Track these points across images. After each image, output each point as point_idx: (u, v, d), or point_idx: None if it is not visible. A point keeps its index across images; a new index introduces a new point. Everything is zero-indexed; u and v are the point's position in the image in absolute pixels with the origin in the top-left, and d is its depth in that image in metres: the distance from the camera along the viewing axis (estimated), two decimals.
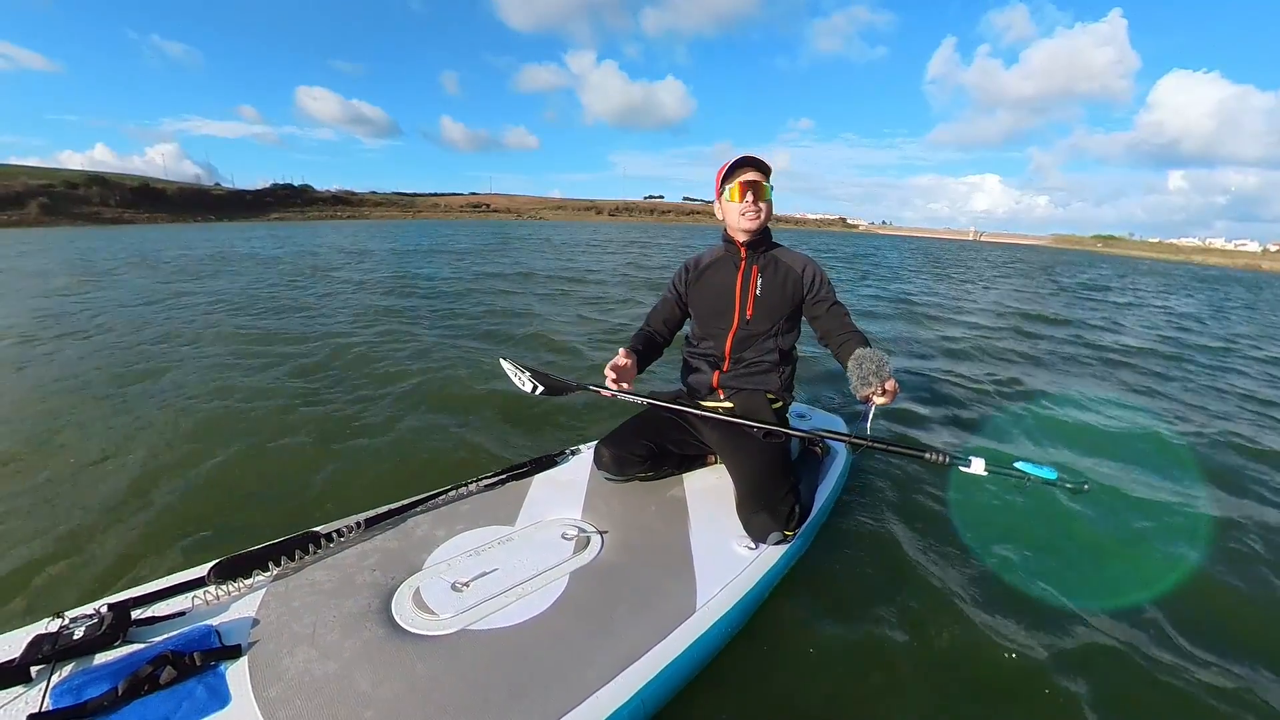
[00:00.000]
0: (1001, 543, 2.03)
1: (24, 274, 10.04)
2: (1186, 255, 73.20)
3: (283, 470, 2.46)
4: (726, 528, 1.63)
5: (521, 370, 2.10)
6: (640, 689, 1.12)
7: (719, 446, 1.86)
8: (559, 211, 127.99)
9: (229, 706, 0.98)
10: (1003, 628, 1.62)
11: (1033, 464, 1.42)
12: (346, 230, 35.31)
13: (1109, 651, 1.57)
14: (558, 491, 1.82)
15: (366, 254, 14.76)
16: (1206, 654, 1.59)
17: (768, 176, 1.74)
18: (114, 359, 4.25)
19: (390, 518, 1.58)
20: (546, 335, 5.25)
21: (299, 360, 4.20)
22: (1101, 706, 1.38)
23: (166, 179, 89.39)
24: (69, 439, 2.76)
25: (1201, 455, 2.97)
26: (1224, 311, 10.81)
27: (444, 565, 1.42)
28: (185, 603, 1.21)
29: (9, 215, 53.89)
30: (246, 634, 1.14)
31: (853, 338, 1.70)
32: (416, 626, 1.21)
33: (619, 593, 1.36)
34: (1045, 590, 1.80)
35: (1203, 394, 4.30)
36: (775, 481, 1.62)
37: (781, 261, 1.84)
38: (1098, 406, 3.79)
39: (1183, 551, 2.07)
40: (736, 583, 1.43)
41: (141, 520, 2.05)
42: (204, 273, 10.15)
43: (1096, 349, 5.83)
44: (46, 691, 0.96)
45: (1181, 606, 1.77)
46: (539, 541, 1.54)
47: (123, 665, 1.02)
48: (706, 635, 1.28)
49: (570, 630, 1.23)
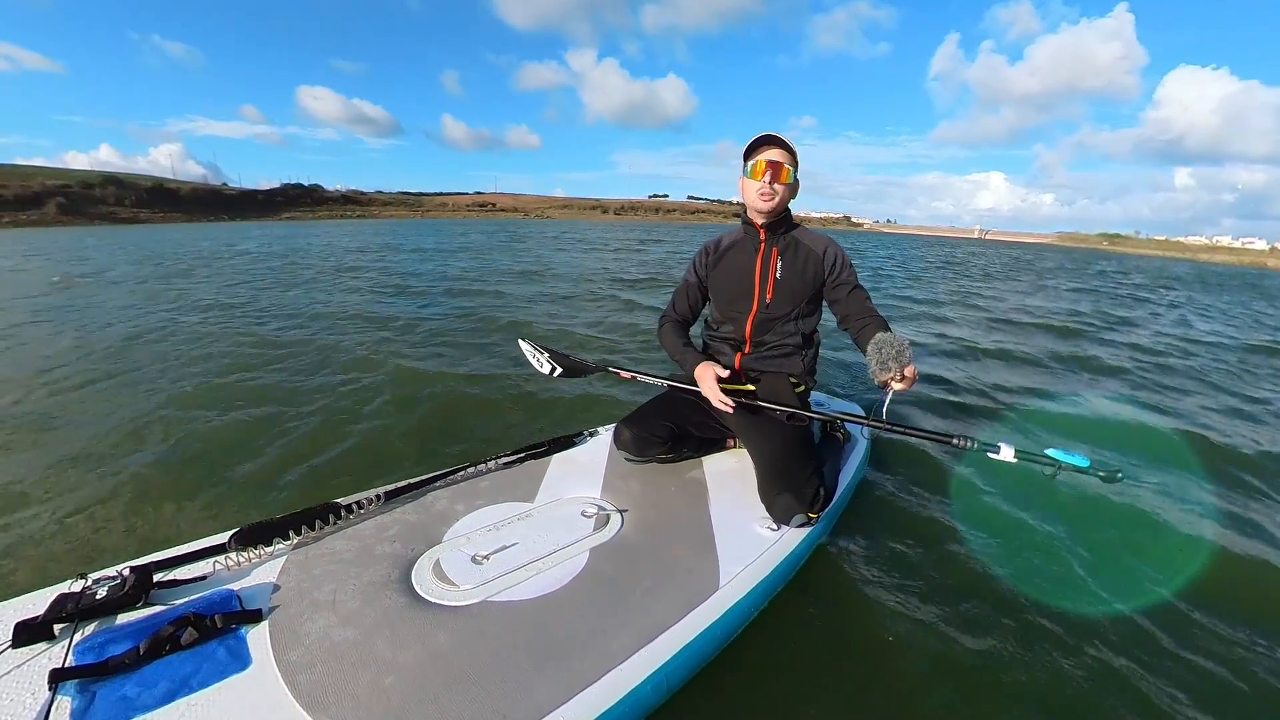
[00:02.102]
0: (1027, 530, 1.99)
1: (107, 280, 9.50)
2: (1193, 253, 72.10)
3: (299, 445, 2.47)
4: (748, 509, 1.60)
5: (540, 351, 2.09)
6: (663, 664, 1.09)
7: (740, 429, 1.83)
8: (565, 210, 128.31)
9: (249, 669, 0.97)
10: (1030, 615, 1.58)
11: (1064, 452, 1.38)
12: (368, 229, 35.45)
13: (1144, 641, 1.53)
14: (577, 470, 1.80)
15: (393, 249, 14.77)
16: (1241, 637, 1.55)
17: (793, 159, 1.68)
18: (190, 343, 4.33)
19: (409, 491, 1.57)
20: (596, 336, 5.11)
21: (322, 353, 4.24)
22: (1142, 696, 1.34)
23: (173, 179, 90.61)
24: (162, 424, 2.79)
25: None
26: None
27: (463, 539, 1.40)
28: (207, 568, 1.20)
29: (28, 215, 54.86)
30: (267, 599, 1.13)
31: (873, 322, 1.65)
32: (437, 597, 1.19)
33: (640, 570, 1.33)
34: (1074, 577, 1.75)
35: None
36: (800, 463, 1.59)
37: (802, 244, 1.79)
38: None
39: (1214, 540, 2.01)
40: (759, 563, 1.40)
41: (165, 491, 2.06)
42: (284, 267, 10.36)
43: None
44: (70, 648, 0.96)
45: (1220, 595, 1.72)
46: (558, 518, 1.52)
47: (145, 625, 1.02)
48: (729, 614, 1.26)
49: (591, 604, 1.21)
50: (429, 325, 5.27)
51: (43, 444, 2.48)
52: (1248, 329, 7.68)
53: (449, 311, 6.08)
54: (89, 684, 0.90)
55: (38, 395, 3.12)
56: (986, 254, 28.43)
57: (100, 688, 0.89)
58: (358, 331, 4.94)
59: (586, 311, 6.38)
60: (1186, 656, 1.49)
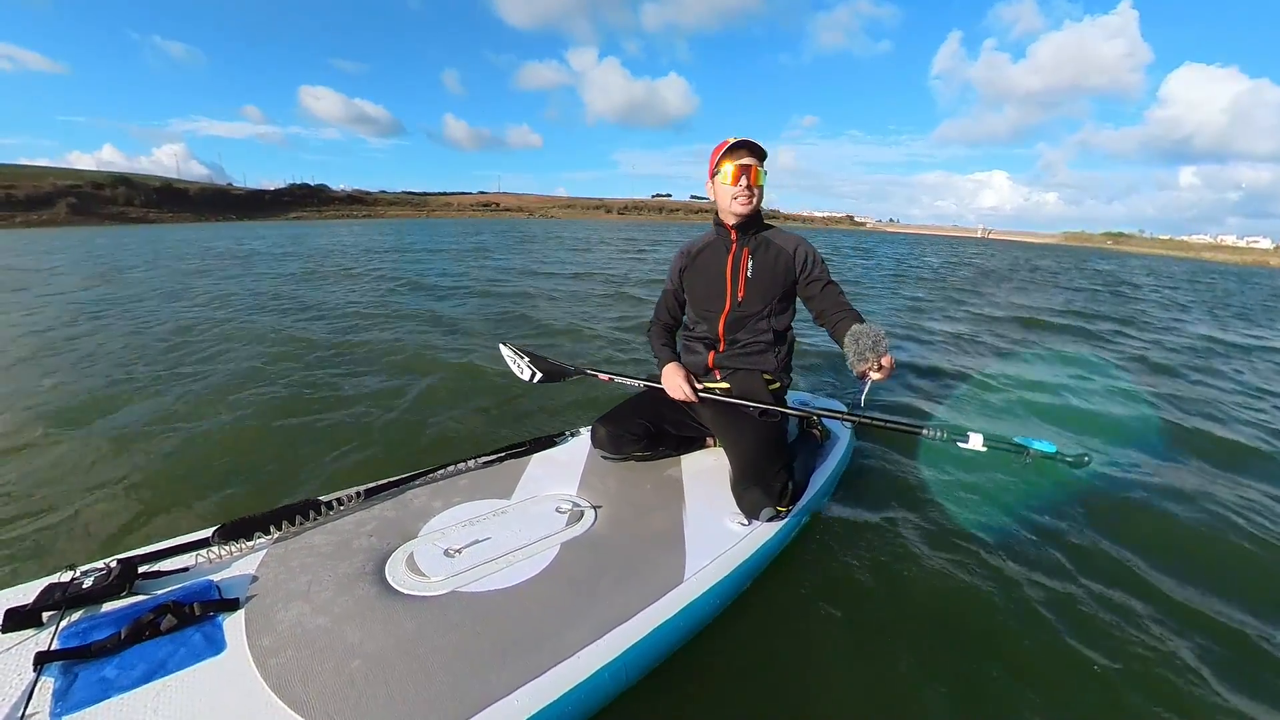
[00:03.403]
0: (999, 520, 2.02)
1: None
2: (1197, 252, 71.39)
3: (287, 444, 2.54)
4: (721, 506, 1.64)
5: (520, 355, 2.13)
6: (624, 651, 1.13)
7: (716, 426, 1.87)
8: (569, 210, 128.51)
9: (224, 653, 1.02)
10: (1000, 606, 1.61)
11: (1031, 439, 1.41)
12: (376, 229, 35.73)
13: (1115, 621, 1.56)
14: (555, 469, 1.84)
15: (405, 250, 14.83)
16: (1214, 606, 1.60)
17: (763, 162, 1.72)
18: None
19: (389, 489, 1.62)
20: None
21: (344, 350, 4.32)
22: (1109, 678, 1.37)
23: (181, 179, 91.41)
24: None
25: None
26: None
27: (438, 533, 1.45)
28: (189, 560, 1.26)
29: (40, 215, 55.63)
30: (245, 589, 1.19)
31: (848, 315, 1.68)
32: (408, 587, 1.24)
33: (608, 562, 1.38)
34: (1046, 565, 1.78)
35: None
36: (769, 458, 1.62)
37: (773, 243, 1.82)
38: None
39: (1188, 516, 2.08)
40: (727, 556, 1.43)
41: (149, 488, 2.13)
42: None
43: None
44: (55, 634, 1.01)
45: (1187, 574, 1.78)
46: (533, 514, 1.57)
47: (127, 613, 1.08)
48: (693, 605, 1.29)
49: (558, 595, 1.25)
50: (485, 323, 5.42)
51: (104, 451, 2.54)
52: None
53: (502, 311, 6.19)
54: (71, 665, 0.95)
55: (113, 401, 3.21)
56: (999, 254, 28.32)
57: (82, 669, 0.95)
58: (422, 331, 5.12)
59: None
60: (1173, 629, 1.55)
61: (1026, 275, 14.67)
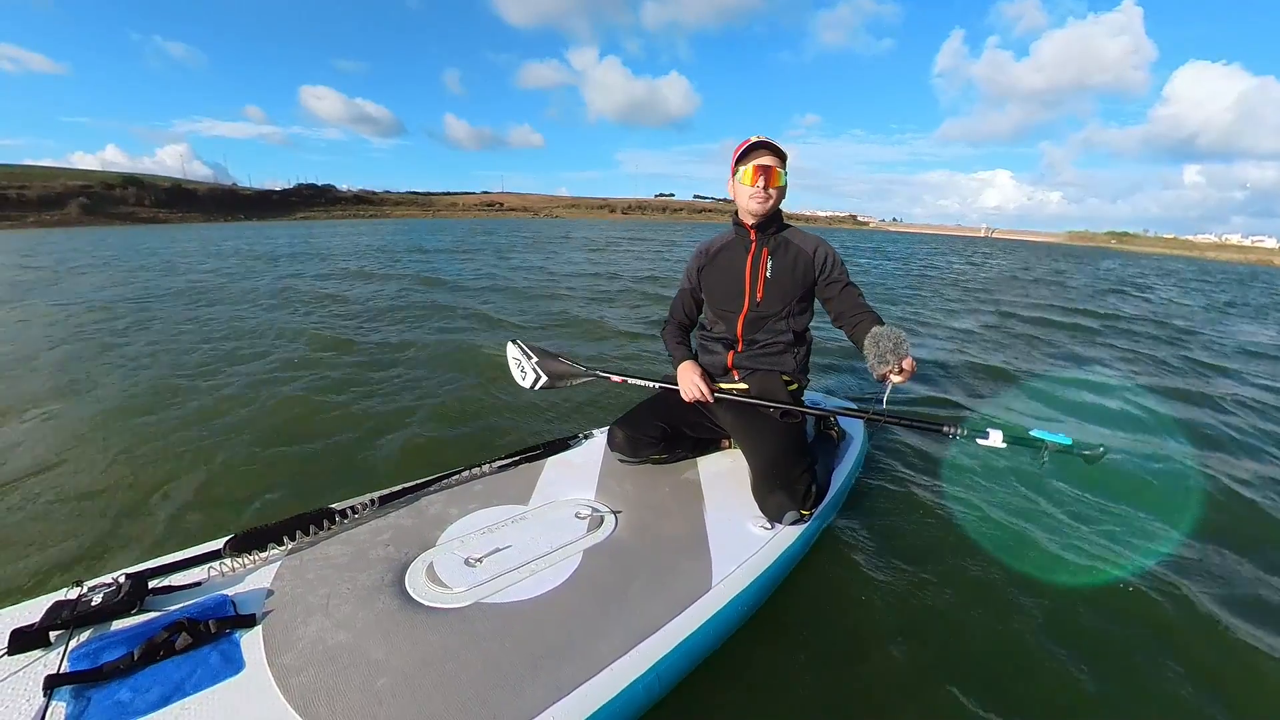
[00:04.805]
0: (1021, 514, 2.01)
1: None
2: (1200, 251, 70.95)
3: (304, 447, 2.50)
4: (742, 509, 1.60)
5: (528, 355, 2.06)
6: (655, 663, 1.10)
7: (734, 428, 1.83)
8: (573, 210, 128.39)
9: (242, 673, 0.98)
10: (1026, 605, 1.58)
11: (1048, 432, 1.39)
12: (385, 229, 35.49)
13: (1148, 620, 1.54)
14: (571, 473, 1.80)
15: (430, 253, 14.64)
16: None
17: (783, 163, 1.70)
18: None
19: (404, 496, 1.57)
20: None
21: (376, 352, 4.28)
22: (1142, 685, 1.33)
23: (188, 180, 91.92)
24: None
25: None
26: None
27: (457, 541, 1.41)
28: (201, 574, 1.21)
29: (52, 215, 55.95)
30: (261, 604, 1.14)
31: (867, 317, 1.66)
32: (430, 599, 1.20)
33: (633, 570, 1.34)
34: (1072, 561, 1.76)
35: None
36: (791, 460, 1.59)
37: (792, 243, 1.80)
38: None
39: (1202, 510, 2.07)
40: (752, 561, 1.40)
41: (161, 502, 2.09)
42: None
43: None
44: (64, 655, 0.97)
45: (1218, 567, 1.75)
46: (552, 520, 1.53)
47: (139, 631, 1.03)
48: (722, 613, 1.26)
49: (584, 605, 1.21)
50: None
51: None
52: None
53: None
54: (84, 689, 0.91)
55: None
56: (1012, 254, 28.17)
57: (95, 693, 0.91)
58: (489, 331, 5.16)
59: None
60: (1206, 626, 1.53)
61: (1051, 274, 14.42)
